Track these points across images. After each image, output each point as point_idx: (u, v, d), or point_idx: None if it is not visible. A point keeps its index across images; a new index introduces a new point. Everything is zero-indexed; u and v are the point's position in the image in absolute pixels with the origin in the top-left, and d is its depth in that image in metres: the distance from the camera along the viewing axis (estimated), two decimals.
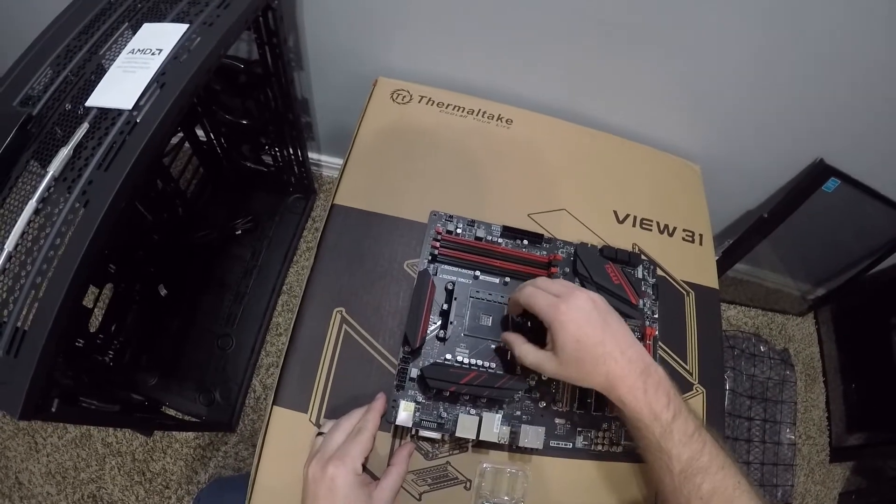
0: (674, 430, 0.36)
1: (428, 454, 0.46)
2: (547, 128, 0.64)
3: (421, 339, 0.46)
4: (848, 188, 0.78)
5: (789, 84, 0.62)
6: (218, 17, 0.49)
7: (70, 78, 0.48)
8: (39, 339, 0.33)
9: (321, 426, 0.42)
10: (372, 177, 0.56)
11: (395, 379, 0.46)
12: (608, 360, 0.37)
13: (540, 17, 0.59)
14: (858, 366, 1.07)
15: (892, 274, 1.01)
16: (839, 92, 0.62)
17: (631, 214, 0.60)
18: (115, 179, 0.37)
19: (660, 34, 0.58)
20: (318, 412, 0.45)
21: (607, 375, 0.37)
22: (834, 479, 1.03)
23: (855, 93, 0.62)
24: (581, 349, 0.37)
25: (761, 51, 0.58)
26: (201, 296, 0.76)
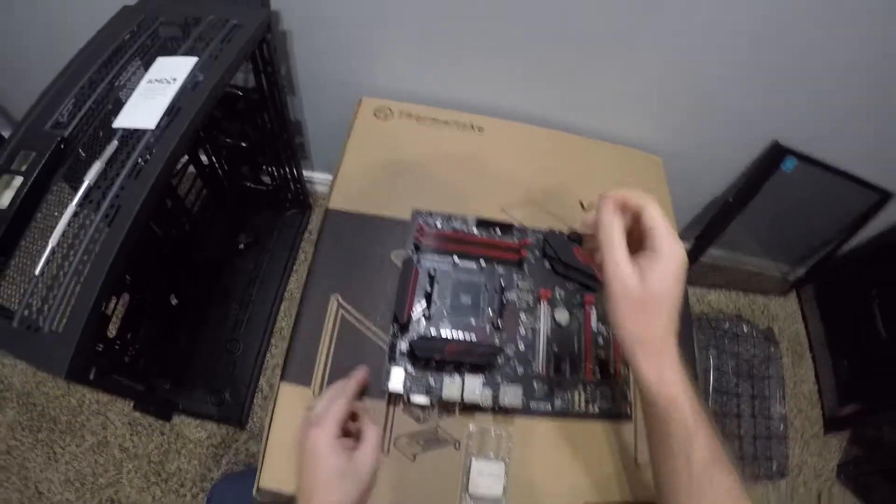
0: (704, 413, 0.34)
1: (419, 419, 0.52)
2: (515, 132, 0.72)
3: (408, 316, 0.53)
4: (807, 166, 0.83)
5: (737, 71, 0.69)
6: (222, 50, 0.58)
7: (92, 107, 0.56)
8: (83, 314, 0.40)
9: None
10: (360, 184, 0.64)
11: (387, 353, 0.53)
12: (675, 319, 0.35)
13: (501, 35, 0.68)
14: (845, 339, 1.10)
15: (867, 248, 1.06)
16: (785, 74, 0.68)
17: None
18: (144, 185, 0.45)
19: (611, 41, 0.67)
20: (321, 386, 0.52)
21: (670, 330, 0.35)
22: (830, 451, 1.06)
23: (800, 73, 0.68)
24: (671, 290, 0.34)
25: (708, 42, 0.65)
26: (209, 305, 0.83)
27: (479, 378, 0.51)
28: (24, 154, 0.50)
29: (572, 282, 0.60)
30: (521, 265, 0.59)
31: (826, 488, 1.03)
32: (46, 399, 0.85)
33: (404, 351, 0.53)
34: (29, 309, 0.42)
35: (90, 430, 0.83)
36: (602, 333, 0.58)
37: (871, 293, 1.05)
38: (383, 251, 0.59)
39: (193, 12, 0.62)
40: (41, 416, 0.84)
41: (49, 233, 0.45)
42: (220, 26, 0.60)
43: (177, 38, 0.61)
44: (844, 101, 0.73)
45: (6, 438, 0.82)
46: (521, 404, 0.51)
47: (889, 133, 0.78)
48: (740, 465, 0.98)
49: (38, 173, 0.48)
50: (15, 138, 0.52)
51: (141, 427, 0.83)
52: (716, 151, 0.85)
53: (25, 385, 0.87)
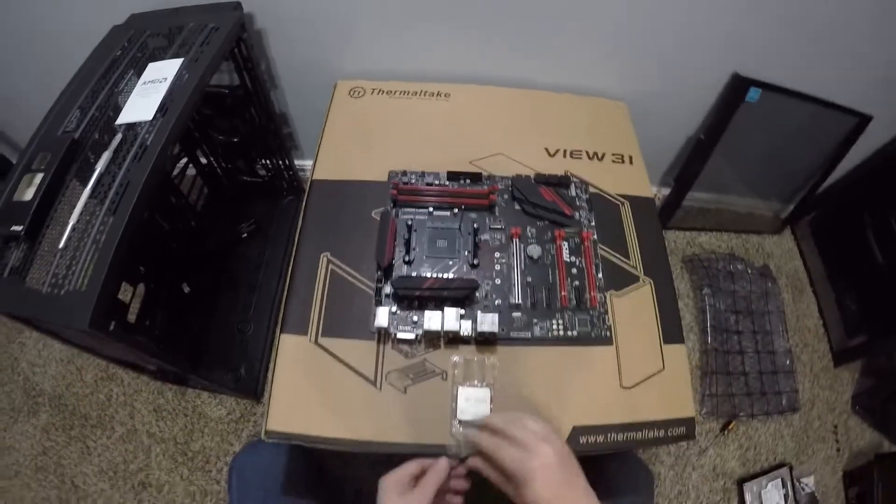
0: None
1: (407, 354, 0.57)
2: (481, 95, 0.78)
3: (388, 260, 0.58)
4: (772, 95, 0.85)
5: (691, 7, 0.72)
6: (202, 51, 0.65)
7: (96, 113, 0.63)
8: (101, 272, 0.47)
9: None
10: (340, 155, 0.70)
11: (374, 296, 0.58)
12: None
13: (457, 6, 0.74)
14: (845, 271, 1.11)
15: (854, 175, 1.08)
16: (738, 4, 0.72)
17: (561, 149, 0.73)
18: (147, 164, 0.53)
19: None
20: (317, 333, 0.57)
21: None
22: (843, 383, 1.07)
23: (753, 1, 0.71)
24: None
25: None
26: (220, 291, 0.90)
27: (458, 311, 0.56)
28: (41, 156, 0.57)
29: (542, 220, 0.65)
30: (492, 209, 0.65)
31: (842, 421, 1.04)
32: (77, 398, 0.93)
33: (389, 293, 0.58)
34: (56, 277, 0.49)
35: (119, 421, 0.90)
36: (575, 263, 0.62)
37: (864, 221, 1.06)
38: (365, 210, 0.65)
39: (176, 22, 0.70)
40: (73, 415, 0.92)
41: (69, 214, 0.53)
42: (200, 31, 0.68)
43: (163, 46, 0.68)
44: (803, 24, 0.75)
45: (42, 440, 0.90)
46: (498, 330, 0.55)
47: (859, 54, 0.80)
48: (748, 401, 1.00)
49: (55, 170, 0.55)
50: (33, 144, 0.60)
51: (165, 412, 0.90)
52: (679, 90, 0.89)
53: (56, 388, 0.94)
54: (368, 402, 0.54)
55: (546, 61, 0.83)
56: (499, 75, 0.81)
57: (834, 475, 0.99)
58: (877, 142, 1.02)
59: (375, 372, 0.56)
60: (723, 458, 0.96)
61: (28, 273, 0.51)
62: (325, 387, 0.55)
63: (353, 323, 0.57)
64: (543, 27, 0.77)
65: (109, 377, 0.94)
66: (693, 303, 1.09)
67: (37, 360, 0.98)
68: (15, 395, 0.94)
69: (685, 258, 1.14)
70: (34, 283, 0.50)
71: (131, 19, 0.75)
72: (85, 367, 0.95)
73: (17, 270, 0.51)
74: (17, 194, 0.55)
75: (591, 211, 0.67)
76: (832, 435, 1.03)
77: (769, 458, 0.98)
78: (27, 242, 0.52)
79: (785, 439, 1.00)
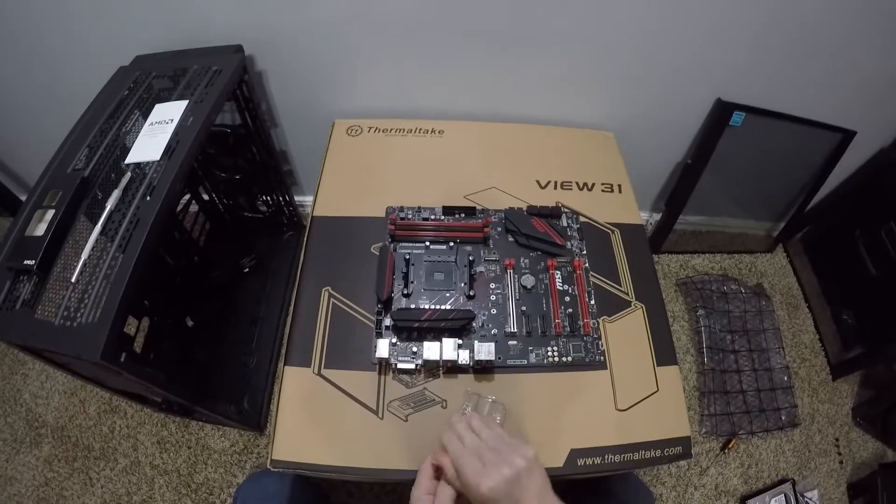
0: None
1: (408, 384, 0.59)
2: (473, 131, 0.81)
3: (387, 293, 0.61)
4: (756, 117, 0.89)
5: (670, 36, 0.76)
6: (207, 93, 0.69)
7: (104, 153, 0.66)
8: (113, 305, 0.50)
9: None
10: (339, 192, 0.73)
11: (374, 329, 0.61)
12: None
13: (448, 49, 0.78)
14: (839, 285, 1.13)
15: (843, 190, 1.11)
16: (716, 30, 0.75)
17: (552, 180, 0.76)
18: (157, 201, 0.56)
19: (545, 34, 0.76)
20: (320, 364, 0.59)
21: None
22: (842, 396, 1.08)
23: (730, 28, 0.74)
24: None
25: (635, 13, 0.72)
26: (223, 324, 0.92)
27: (456, 341, 0.58)
28: (52, 193, 0.60)
29: (535, 250, 0.68)
30: (486, 241, 0.68)
31: (843, 433, 1.05)
32: (80, 430, 0.94)
33: (389, 325, 0.61)
34: (68, 310, 0.52)
35: (122, 453, 0.91)
36: (568, 291, 0.65)
37: (855, 234, 1.09)
38: (364, 245, 0.68)
39: (180, 64, 0.74)
40: (75, 447, 0.92)
41: (80, 250, 0.55)
42: (204, 73, 0.71)
43: (169, 88, 0.72)
44: (781, 47, 0.79)
45: (44, 472, 0.91)
46: (495, 358, 0.57)
47: (837, 72, 0.84)
48: (748, 419, 1.01)
49: (66, 207, 0.58)
50: (43, 181, 0.62)
51: (169, 444, 0.91)
52: (665, 118, 0.92)
53: (59, 420, 0.95)
54: (371, 430, 0.56)
55: (535, 97, 0.86)
56: (490, 111, 0.85)
57: (838, 488, 1.00)
58: (862, 156, 1.06)
59: (377, 401, 0.58)
60: (724, 477, 0.97)
61: (39, 305, 0.53)
62: (328, 417, 0.57)
63: (355, 354, 0.60)
64: (532, 65, 0.81)
65: (113, 409, 0.95)
66: (688, 324, 1.11)
67: (40, 391, 0.99)
68: (17, 426, 0.96)
69: (679, 281, 1.17)
70: (46, 315, 0.52)
71: (136, 61, 0.79)
72: (88, 399, 0.97)
73: (29, 303, 0.53)
74: (28, 229, 0.57)
75: (582, 240, 0.69)
76: (834, 448, 1.04)
77: (771, 475, 0.99)
78: (39, 276, 0.55)
79: (786, 455, 1.01)
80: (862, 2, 0.73)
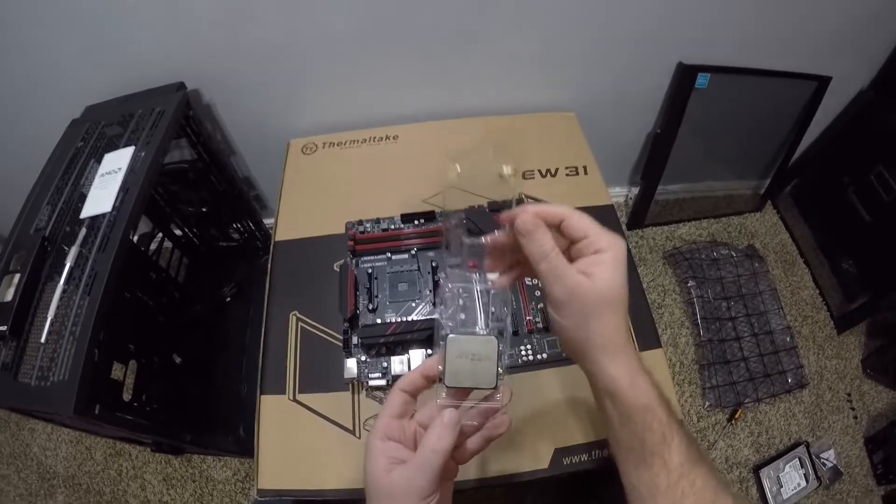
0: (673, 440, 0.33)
1: (381, 400, 0.60)
2: (428, 131, 0.82)
3: (350, 311, 0.62)
4: (722, 77, 0.88)
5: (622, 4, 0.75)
6: (152, 135, 0.71)
7: (63, 207, 0.69)
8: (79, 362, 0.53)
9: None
10: (299, 213, 0.75)
11: (343, 348, 0.62)
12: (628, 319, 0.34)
13: (388, 51, 0.79)
14: (834, 235, 1.12)
15: (825, 138, 1.10)
16: None
17: None
18: (111, 253, 0.59)
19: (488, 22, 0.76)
20: (294, 390, 0.61)
21: (628, 331, 0.34)
22: (849, 349, 1.07)
23: None
24: (621, 288, 0.33)
25: None
26: (211, 356, 0.95)
27: (424, 351, 0.59)
28: (17, 257, 0.63)
29: None
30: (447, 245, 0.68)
31: (854, 387, 1.04)
32: (89, 477, 0.98)
33: (357, 343, 0.62)
34: (42, 370, 0.54)
35: (132, 494, 0.95)
36: (537, 286, 0.65)
37: (844, 182, 1.08)
38: (328, 264, 0.69)
39: (127, 109, 0.76)
40: (87, 493, 0.96)
41: (47, 310, 0.58)
42: (149, 115, 0.73)
43: (118, 134, 0.74)
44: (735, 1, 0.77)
45: None
46: None
47: (801, 17, 0.82)
48: (752, 386, 1.01)
49: (30, 269, 0.61)
50: (9, 245, 0.65)
51: (174, 480, 0.94)
52: (627, 89, 0.92)
53: (69, 469, 0.99)
54: (350, 450, 0.57)
55: (487, 87, 0.87)
56: (444, 109, 0.85)
57: (855, 444, 1.00)
58: (841, 101, 1.04)
59: (353, 421, 0.59)
60: (734, 449, 0.98)
61: (19, 368, 0.56)
62: (307, 441, 0.59)
63: (328, 376, 0.61)
64: (480, 53, 0.82)
65: (118, 453, 0.99)
66: (680, 297, 1.11)
67: (47, 443, 1.03)
68: (31, 479, 1.00)
69: (666, 253, 1.16)
70: (24, 377, 0.55)
71: (87, 111, 0.81)
72: (94, 446, 1.01)
73: (9, 367, 0.56)
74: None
75: None
76: (847, 403, 1.03)
77: (783, 440, 0.99)
78: (14, 340, 0.57)
79: (797, 417, 1.01)
80: None
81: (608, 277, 0.32)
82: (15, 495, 0.98)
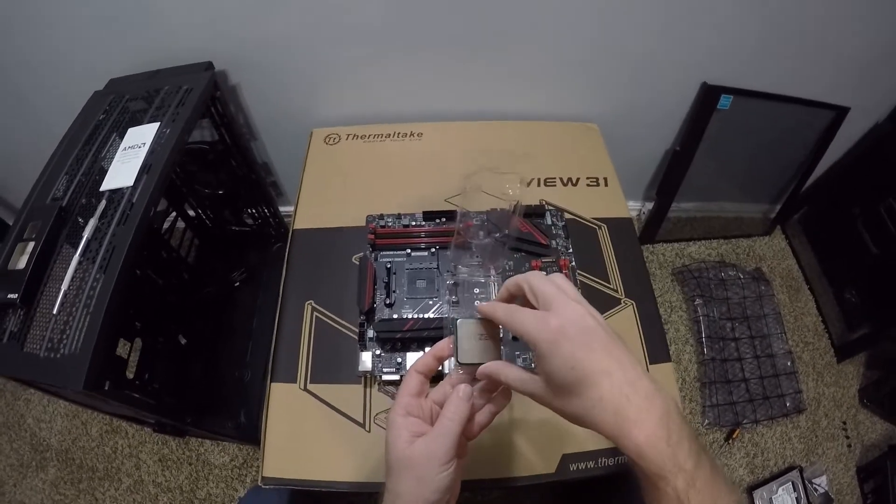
0: (697, 479, 0.28)
1: (393, 395, 0.59)
2: (452, 131, 0.81)
3: (368, 305, 0.61)
4: (744, 99, 0.88)
5: (651, 20, 0.75)
6: (178, 112, 0.69)
7: (82, 179, 0.67)
8: (93, 336, 0.51)
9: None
10: (319, 203, 0.73)
11: (358, 341, 0.61)
12: (617, 396, 0.28)
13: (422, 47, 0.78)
14: (841, 265, 1.11)
15: (839, 167, 1.10)
16: (700, 15, 0.74)
17: (535, 178, 0.76)
18: (130, 228, 0.57)
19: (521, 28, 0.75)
20: (306, 379, 0.60)
21: (616, 416, 0.28)
22: (848, 378, 1.07)
23: (712, 10, 0.74)
24: (579, 378, 0.29)
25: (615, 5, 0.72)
26: (217, 340, 0.93)
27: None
28: (32, 225, 0.61)
29: (519, 251, 0.67)
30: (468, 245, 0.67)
31: (850, 416, 1.04)
32: (83, 452, 0.96)
33: (372, 337, 0.61)
34: (52, 341, 0.53)
35: (126, 473, 0.93)
36: None
37: (854, 212, 1.08)
38: (346, 256, 0.68)
39: (153, 85, 0.74)
40: (80, 468, 0.94)
41: (61, 279, 0.56)
42: (175, 93, 0.71)
43: (143, 109, 0.72)
44: (765, 26, 0.77)
45: (51, 495, 0.93)
46: None
47: (826, 47, 0.82)
48: (751, 407, 1.01)
49: (45, 238, 0.59)
50: (24, 213, 0.63)
51: (170, 461, 0.92)
52: (651, 105, 0.91)
53: (63, 443, 0.97)
54: (359, 444, 0.56)
55: (514, 92, 0.86)
56: (469, 110, 0.84)
57: (847, 472, 1.00)
58: (857, 132, 1.04)
59: (364, 414, 0.58)
60: (730, 468, 0.97)
61: (26, 338, 0.54)
62: (316, 432, 0.57)
63: (340, 368, 0.60)
64: (509, 58, 0.81)
65: (114, 430, 0.97)
66: (687, 314, 1.11)
67: (42, 415, 1.01)
68: (23, 450, 0.98)
69: (675, 270, 1.15)
70: (32, 348, 0.53)
71: (111, 84, 0.79)
72: (90, 421, 0.99)
73: (16, 336, 0.54)
74: (10, 263, 0.58)
75: (567, 238, 0.69)
76: (841, 431, 1.03)
77: (778, 463, 0.99)
78: (23, 309, 0.56)
79: (793, 441, 1.01)
80: None
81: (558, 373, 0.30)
82: (6, 465, 0.96)
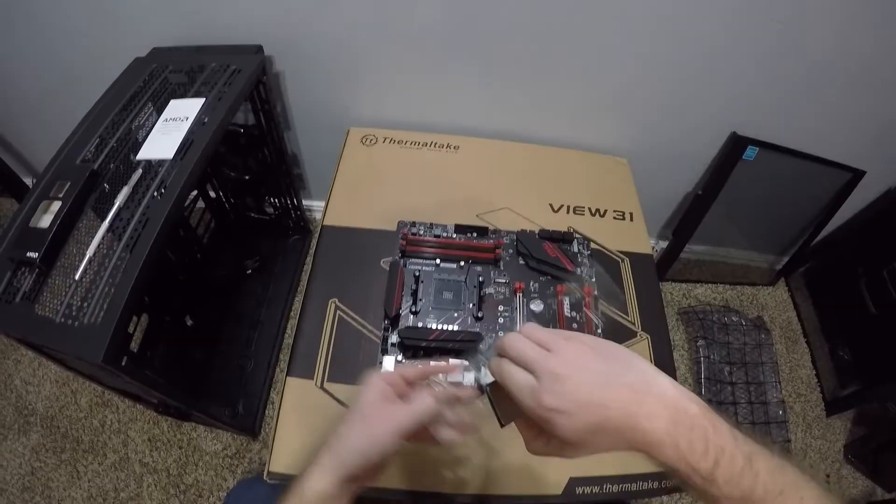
0: (717, 476, 0.29)
1: None
2: (488, 148, 0.81)
3: (396, 310, 0.60)
4: (769, 153, 0.89)
5: (690, 71, 0.77)
6: (225, 91, 0.68)
7: (115, 145, 0.65)
8: (117, 308, 0.49)
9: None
10: (351, 202, 0.73)
11: (380, 345, 0.60)
12: (623, 426, 0.30)
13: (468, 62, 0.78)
14: (839, 322, 1.12)
15: (848, 228, 1.11)
16: (736, 69, 0.76)
17: (565, 204, 0.76)
18: (168, 201, 0.55)
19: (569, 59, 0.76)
20: (323, 377, 0.59)
21: (630, 442, 0.30)
22: (835, 432, 1.08)
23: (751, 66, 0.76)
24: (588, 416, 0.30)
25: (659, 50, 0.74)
26: (222, 325, 0.91)
27: (462, 362, 0.57)
28: (59, 183, 0.58)
29: (544, 275, 0.67)
30: (497, 263, 0.67)
31: (834, 470, 1.05)
32: (70, 421, 0.93)
33: (395, 342, 0.60)
34: (70, 308, 0.50)
35: (112, 448, 0.89)
36: (576, 318, 0.64)
37: (858, 272, 1.09)
38: (374, 258, 0.67)
39: (198, 61, 0.73)
40: (64, 438, 0.91)
41: (86, 246, 0.54)
42: (222, 71, 0.70)
43: (184, 83, 0.71)
44: (797, 85, 0.79)
45: (31, 460, 0.89)
46: None
47: (851, 112, 0.84)
48: None
49: (73, 199, 0.57)
50: (50, 171, 0.61)
51: (160, 443, 0.89)
52: (679, 148, 0.93)
53: (49, 409, 0.94)
54: None
55: (552, 118, 0.86)
56: (506, 129, 0.84)
57: None
58: (870, 195, 1.06)
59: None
60: None
61: (40, 300, 0.52)
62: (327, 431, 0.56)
63: (359, 369, 0.59)
64: (551, 87, 0.81)
65: (104, 403, 0.94)
66: (688, 354, 1.11)
67: (31, 378, 0.98)
68: (6, 412, 0.94)
69: (681, 310, 1.16)
70: (46, 311, 0.51)
71: (154, 53, 0.78)
72: (80, 390, 0.95)
73: (29, 297, 0.52)
74: (33, 220, 0.56)
75: (591, 266, 0.69)
76: (825, 484, 1.04)
77: None
78: (41, 269, 0.53)
79: None
80: (873, 42, 0.73)
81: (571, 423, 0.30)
82: None
